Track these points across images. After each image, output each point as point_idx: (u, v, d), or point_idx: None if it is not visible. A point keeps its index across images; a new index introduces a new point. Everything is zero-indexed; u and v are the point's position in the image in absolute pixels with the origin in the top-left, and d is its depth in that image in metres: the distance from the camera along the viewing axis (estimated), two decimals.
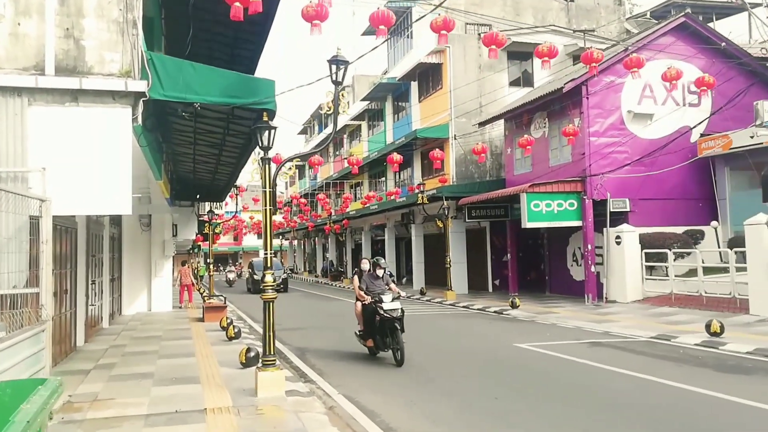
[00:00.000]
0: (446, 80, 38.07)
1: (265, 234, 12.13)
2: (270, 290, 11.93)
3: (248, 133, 16.00)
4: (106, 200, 10.75)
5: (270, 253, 12.10)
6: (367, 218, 50.48)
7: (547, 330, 20.37)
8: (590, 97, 27.97)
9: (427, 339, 19.08)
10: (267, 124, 11.81)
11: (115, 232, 26.20)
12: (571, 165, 28.76)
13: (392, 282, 16.51)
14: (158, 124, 14.44)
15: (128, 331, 21.64)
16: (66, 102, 10.51)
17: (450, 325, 22.83)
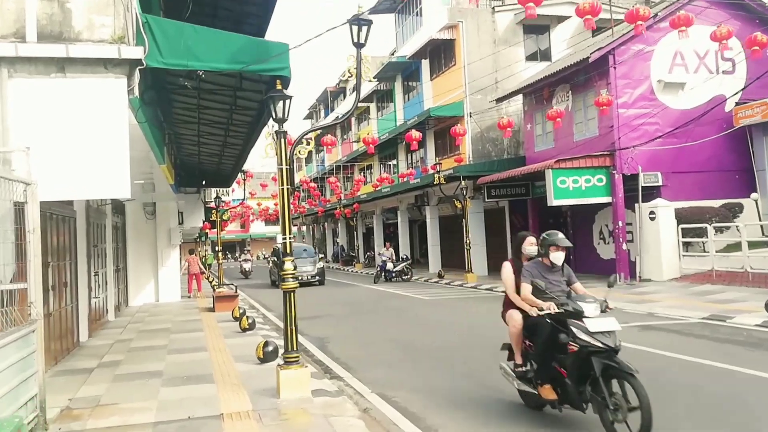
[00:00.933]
0: (459, 56, 36.48)
1: (282, 216, 10.72)
2: (290, 279, 10.49)
3: (257, 109, 14.70)
4: (101, 183, 9.38)
5: (290, 237, 10.68)
6: (379, 201, 49.10)
7: None
8: (618, 67, 26.39)
9: (456, 325, 17.71)
10: (281, 93, 10.35)
11: (118, 222, 24.84)
12: (598, 139, 27.24)
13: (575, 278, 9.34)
14: (158, 98, 13.02)
15: (135, 324, 20.27)
16: (51, 73, 9.10)
17: (476, 309, 21.41)
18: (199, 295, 29.88)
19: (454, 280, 32.53)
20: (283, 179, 10.54)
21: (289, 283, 10.45)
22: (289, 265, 10.50)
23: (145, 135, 11.85)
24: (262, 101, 13.31)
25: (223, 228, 32.73)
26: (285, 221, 10.63)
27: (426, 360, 13.29)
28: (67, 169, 9.09)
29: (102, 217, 20.75)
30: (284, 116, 10.46)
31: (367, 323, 19.13)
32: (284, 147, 10.56)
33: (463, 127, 25.78)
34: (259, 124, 15.55)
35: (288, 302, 10.52)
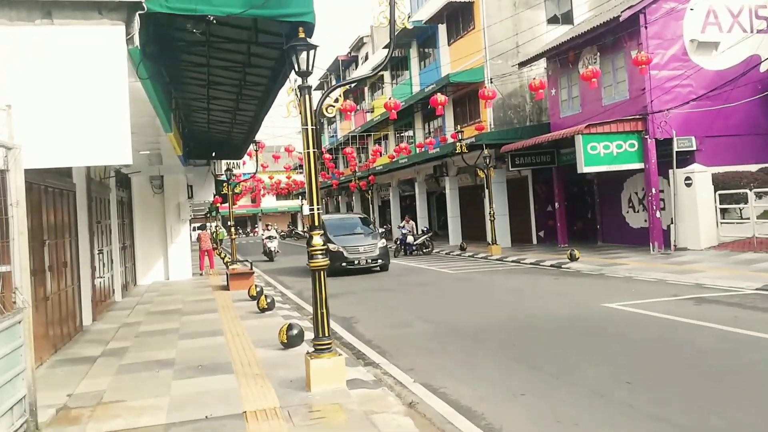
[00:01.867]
0: (479, 19, 34.90)
1: (309, 184, 9.35)
2: (320, 256, 9.18)
3: (272, 68, 13.34)
4: (98, 147, 8.08)
5: (317, 208, 9.33)
6: (395, 173, 47.71)
7: (628, 285, 17.62)
8: (649, 26, 24.88)
9: (494, 301, 16.39)
10: (304, 42, 8.94)
11: (124, 196, 23.59)
12: (628, 102, 25.77)
13: None
14: (162, 55, 11.55)
15: (144, 305, 18.98)
16: (36, 19, 7.78)
17: (511, 283, 20.09)
18: (212, 273, 28.59)
19: (478, 252, 31.23)
20: (309, 141, 9.20)
21: (318, 260, 9.17)
22: (317, 240, 9.19)
23: (149, 95, 10.44)
24: (280, 57, 11.99)
25: (235, 202, 31.38)
26: (312, 190, 9.29)
27: (470, 342, 11.95)
28: (58, 132, 7.81)
29: (105, 191, 19.47)
30: (308, 69, 9.10)
31: (395, 301, 17.75)
32: (309, 104, 9.19)
33: (492, 90, 24.14)
34: (275, 84, 14.11)
35: (317, 282, 9.25)
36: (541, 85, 22.19)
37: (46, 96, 7.73)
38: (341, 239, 26.45)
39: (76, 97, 7.83)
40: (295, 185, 67.70)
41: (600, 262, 22.80)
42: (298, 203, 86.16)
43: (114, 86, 7.93)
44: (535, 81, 22.35)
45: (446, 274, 23.38)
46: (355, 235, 27.37)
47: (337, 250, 25.41)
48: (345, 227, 28.45)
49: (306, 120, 9.14)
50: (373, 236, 27.57)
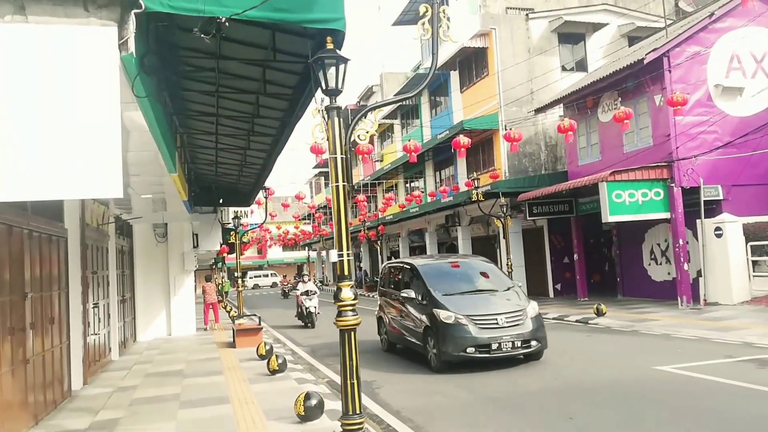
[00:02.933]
0: (492, 66, 33.95)
1: (338, 224, 8.15)
2: (349, 312, 7.93)
3: (289, 97, 12.08)
4: (83, 177, 6.48)
5: (347, 253, 8.09)
6: (405, 223, 46.57)
7: (669, 344, 16.23)
8: (673, 70, 23.86)
9: (528, 361, 14.97)
10: (334, 54, 7.75)
11: (124, 245, 22.33)
12: (652, 149, 24.62)
13: None
14: (164, 71, 10.22)
15: (142, 365, 17.64)
16: (6, 14, 6.28)
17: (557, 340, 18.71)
18: (217, 327, 27.26)
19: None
20: (338, 172, 8.01)
21: (347, 319, 7.93)
22: (347, 293, 7.95)
23: (148, 121, 8.94)
24: (298, 84, 10.82)
25: (243, 252, 30.12)
26: (341, 230, 8.08)
27: (514, 414, 10.58)
28: (34, 158, 6.29)
29: (103, 238, 18.25)
30: (338, 86, 7.96)
31: (417, 361, 16.35)
32: (339, 128, 8.01)
33: (518, 132, 22.86)
34: (292, 117, 12.89)
35: (347, 346, 8.02)
36: (571, 127, 20.99)
37: (18, 112, 6.27)
38: (458, 301, 14.98)
39: (56, 114, 6.36)
40: (303, 235, 66.36)
41: (628, 318, 21.47)
42: (305, 254, 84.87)
43: (103, 101, 6.43)
44: (564, 122, 21.10)
45: None
46: (482, 294, 15.70)
47: (456, 323, 14.26)
48: (459, 278, 16.56)
49: (335, 147, 7.96)
50: (511, 295, 15.71)
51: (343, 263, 8.08)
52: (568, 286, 32.56)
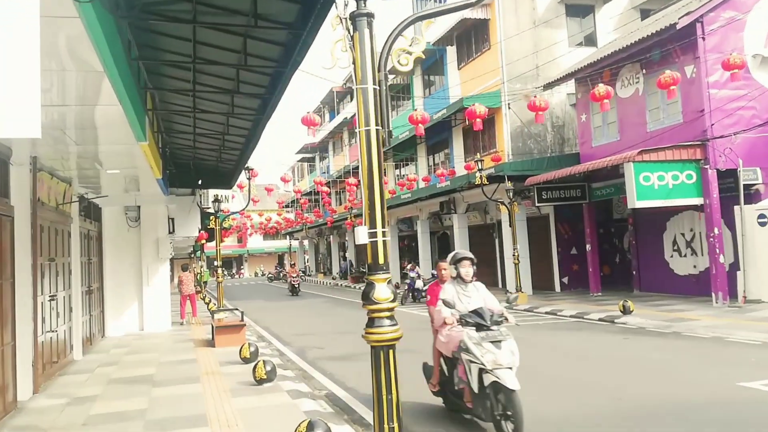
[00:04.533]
0: (495, 39, 31.39)
1: (369, 192, 5.71)
2: (385, 319, 5.44)
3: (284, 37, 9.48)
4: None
5: (383, 232, 5.56)
6: (394, 211, 43.91)
7: (733, 351, 13.73)
8: (707, 38, 21.39)
9: (568, 374, 12.39)
10: None
11: (92, 229, 19.66)
12: (681, 127, 22.11)
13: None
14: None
15: (107, 367, 14.95)
16: None
17: (567, 344, 16.14)
18: (194, 322, 24.59)
19: (498, 300, 27.21)
20: (368, 111, 5.55)
21: (383, 330, 5.48)
22: (383, 292, 5.47)
23: (96, 43, 6.25)
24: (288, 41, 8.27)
25: (224, 238, 27.49)
26: (374, 199, 5.57)
27: None
28: None
29: (65, 220, 15.58)
30: None
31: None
32: (371, 44, 5.51)
33: (544, 100, 20.15)
34: (282, 77, 10.37)
35: (383, 370, 5.62)
36: (608, 94, 18.43)
37: None
38: None
39: None
40: (287, 223, 63.56)
41: (659, 316, 19.05)
42: (286, 243, 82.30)
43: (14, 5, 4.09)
44: (599, 89, 18.48)
45: None
46: None
47: None
48: None
49: (363, 73, 5.50)
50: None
51: (375, 246, 5.55)
52: (576, 279, 30.30)
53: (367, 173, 5.70)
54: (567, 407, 9.82)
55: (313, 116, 16.85)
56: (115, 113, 9.00)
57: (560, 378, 11.86)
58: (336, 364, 14.58)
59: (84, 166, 14.09)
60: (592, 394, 10.49)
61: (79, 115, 9.55)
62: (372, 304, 5.61)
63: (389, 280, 5.80)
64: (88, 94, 8.41)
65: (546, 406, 9.78)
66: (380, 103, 5.82)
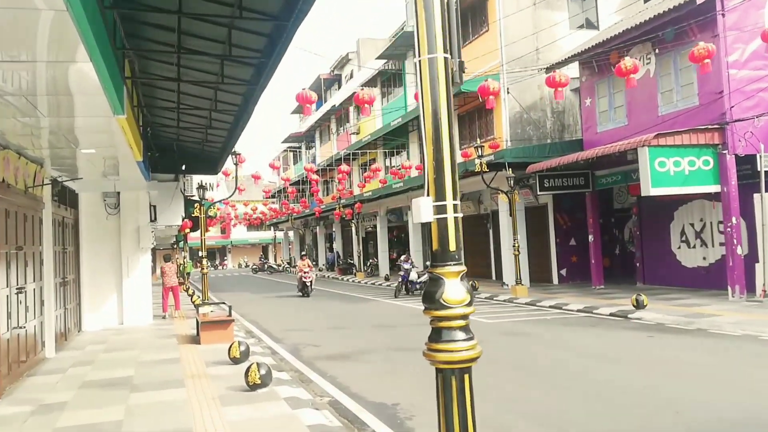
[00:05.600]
0: (493, 19, 29.95)
1: (435, 148, 4.41)
2: (457, 331, 4.05)
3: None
4: None
5: (454, 206, 4.22)
6: (384, 201, 42.53)
7: None
8: (727, 14, 20.07)
9: (600, 377, 10.98)
10: None
11: (67, 216, 18.16)
12: (697, 110, 20.79)
13: None
14: None
15: (81, 367, 13.45)
16: None
17: (587, 343, 14.62)
18: (177, 315, 23.11)
19: (495, 293, 26.04)
20: (432, 33, 4.23)
21: (456, 348, 4.23)
22: (455, 291, 4.12)
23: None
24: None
25: (209, 227, 25.96)
26: (443, 160, 4.19)
27: None
28: None
29: (35, 205, 14.11)
30: None
31: None
32: None
33: (565, 75, 18.66)
34: (276, 48, 8.96)
35: (455, 400, 4.30)
36: (635, 68, 17.03)
37: None
38: None
39: None
40: (274, 213, 61.95)
41: (676, 311, 17.76)
42: (270, 234, 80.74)
43: None
44: (626, 62, 17.03)
45: (481, 326, 17.96)
46: None
47: None
48: None
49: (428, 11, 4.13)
50: None
51: (444, 226, 4.20)
52: (574, 271, 29.22)
53: (431, 122, 4.31)
54: (601, 414, 8.45)
55: (309, 93, 15.38)
56: (87, 76, 7.58)
57: (612, 385, 10.40)
58: (335, 364, 13.16)
59: (56, 145, 12.56)
60: (654, 407, 9.02)
61: (47, 78, 8.09)
62: (439, 309, 4.23)
63: (463, 274, 4.42)
64: (53, 46, 6.96)
65: (589, 415, 8.43)
66: (449, 20, 4.42)
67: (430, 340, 4.31)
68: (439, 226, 4.31)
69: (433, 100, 4.34)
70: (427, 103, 4.37)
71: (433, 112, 4.33)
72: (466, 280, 4.41)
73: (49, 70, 7.68)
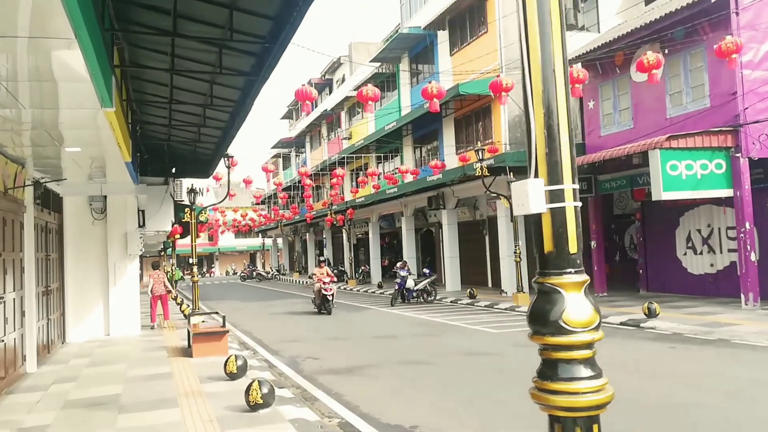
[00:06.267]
0: (493, 20, 29.11)
1: (549, 119, 3.43)
2: (582, 368, 3.21)
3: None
4: None
5: (571, 190, 3.24)
6: (376, 207, 41.63)
7: None
8: (741, 13, 19.30)
9: (645, 393, 10.08)
10: None
11: (51, 221, 17.20)
12: (708, 112, 20.01)
13: None
14: None
15: (64, 384, 12.47)
16: None
17: (613, 353, 13.63)
18: (166, 326, 22.11)
19: (495, 301, 25.25)
20: None
21: (580, 387, 3.34)
22: (579, 310, 3.22)
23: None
24: None
25: (200, 233, 24.92)
26: (554, 133, 3.25)
27: None
28: None
29: (16, 209, 13.16)
30: None
31: (459, 388, 11.25)
32: None
33: (583, 71, 17.57)
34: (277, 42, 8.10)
35: None
36: (658, 63, 16.18)
37: None
38: None
39: None
40: (266, 220, 60.88)
41: (691, 320, 16.96)
42: (258, 241, 79.72)
43: None
44: (648, 57, 16.17)
45: (490, 336, 17.01)
46: None
47: None
48: None
49: None
50: None
51: (561, 218, 3.32)
52: None
53: (540, 74, 3.40)
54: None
55: (310, 89, 14.49)
56: (72, 57, 6.69)
57: (674, 404, 9.46)
58: (340, 379, 12.23)
59: (39, 142, 11.60)
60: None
61: (28, 62, 7.18)
62: (557, 333, 3.24)
63: (586, 285, 3.49)
64: (36, 22, 6.07)
65: None
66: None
67: (543, 377, 3.36)
68: (554, 220, 3.35)
69: (543, 44, 3.43)
70: (534, 49, 3.45)
71: (543, 62, 3.42)
72: (590, 294, 3.48)
73: (30, 52, 6.78)
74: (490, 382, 11.47)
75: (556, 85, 3.41)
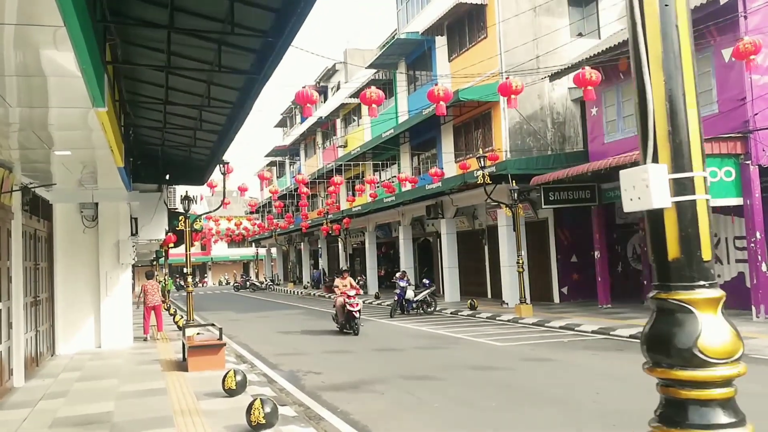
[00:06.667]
0: (493, 25, 28.61)
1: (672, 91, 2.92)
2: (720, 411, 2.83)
3: None
4: None
5: (702, 179, 2.70)
6: (373, 216, 41.05)
7: None
8: (749, 16, 18.83)
9: None
10: None
11: (40, 229, 16.61)
12: (716, 118, 19.46)
13: None
14: None
15: (52, 400, 11.83)
16: None
17: (630, 371, 13.13)
18: (159, 337, 21.48)
19: (498, 313, 24.64)
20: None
21: None
22: (719, 335, 2.62)
23: None
24: None
25: (194, 242, 24.39)
26: (678, 109, 2.65)
27: None
28: None
29: (3, 215, 12.57)
30: None
31: (470, 405, 10.62)
32: None
33: (596, 73, 16.99)
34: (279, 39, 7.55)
35: None
36: None
37: None
38: None
39: None
40: (260, 229, 60.22)
41: None
42: (251, 251, 79.03)
43: None
44: None
45: (495, 350, 16.44)
46: None
47: None
48: None
49: None
50: None
51: (692, 215, 2.94)
52: (577, 289, 27.89)
53: (659, 35, 2.86)
54: None
55: (311, 92, 13.93)
56: (62, 54, 6.17)
57: None
58: (344, 396, 11.61)
59: (27, 145, 11.00)
60: None
61: (15, 53, 6.61)
62: (688, 366, 2.67)
63: (722, 301, 2.93)
64: (21, 5, 5.50)
65: None
66: None
67: (667, 422, 2.76)
68: (680, 217, 2.80)
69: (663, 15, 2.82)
70: (653, 20, 2.85)
71: (662, 15, 2.82)
72: (725, 311, 2.90)
73: (17, 42, 6.23)
74: (500, 399, 10.84)
75: (680, 43, 2.84)
